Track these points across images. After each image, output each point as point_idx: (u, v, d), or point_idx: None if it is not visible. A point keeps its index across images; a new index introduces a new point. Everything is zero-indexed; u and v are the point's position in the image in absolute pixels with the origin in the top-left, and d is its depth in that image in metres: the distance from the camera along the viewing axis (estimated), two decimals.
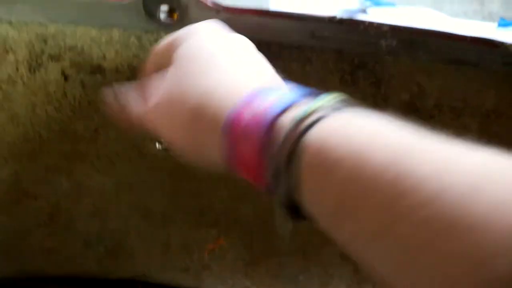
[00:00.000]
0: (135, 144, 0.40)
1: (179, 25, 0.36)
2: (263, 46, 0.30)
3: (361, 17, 0.35)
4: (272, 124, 0.23)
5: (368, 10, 0.53)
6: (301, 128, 0.22)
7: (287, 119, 0.22)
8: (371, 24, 0.35)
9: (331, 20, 0.35)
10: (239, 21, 0.35)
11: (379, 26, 0.35)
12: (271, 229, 0.41)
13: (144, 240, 0.41)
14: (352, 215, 0.20)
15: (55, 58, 0.39)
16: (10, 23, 0.38)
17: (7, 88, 0.40)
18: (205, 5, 0.34)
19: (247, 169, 0.24)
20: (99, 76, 0.39)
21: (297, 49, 0.37)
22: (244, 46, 0.29)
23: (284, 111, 0.23)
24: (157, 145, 0.40)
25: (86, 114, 0.40)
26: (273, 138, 0.22)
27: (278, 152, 0.22)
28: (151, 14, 0.35)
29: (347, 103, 0.24)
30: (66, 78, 0.39)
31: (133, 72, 0.39)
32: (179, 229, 0.41)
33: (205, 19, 0.35)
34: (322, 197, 0.21)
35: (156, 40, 0.37)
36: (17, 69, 0.39)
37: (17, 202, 0.41)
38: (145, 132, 0.30)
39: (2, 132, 0.40)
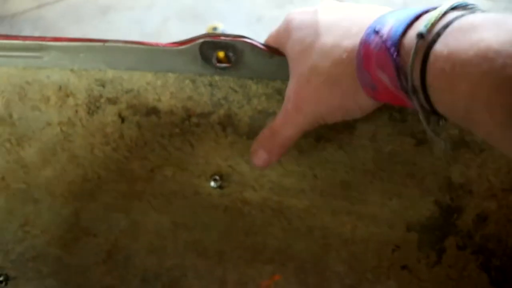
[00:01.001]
0: (190, 183, 0.41)
1: (233, 69, 0.37)
2: None
3: None
4: (399, 46, 0.25)
5: None
6: (425, 43, 0.23)
7: (411, 37, 0.24)
8: None
9: None
10: None
11: None
12: (324, 265, 0.41)
13: (200, 277, 0.42)
14: (483, 114, 0.21)
15: (112, 101, 0.40)
16: (72, 70, 0.39)
17: (67, 130, 0.41)
18: (260, 50, 0.35)
19: (387, 95, 0.27)
20: (154, 118, 0.40)
21: None
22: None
23: (406, 29, 0.25)
24: (212, 183, 0.41)
25: (142, 154, 0.41)
26: (404, 60, 0.24)
27: (411, 73, 0.24)
28: (207, 59, 0.37)
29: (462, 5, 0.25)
30: (123, 120, 0.41)
31: (187, 113, 0.40)
32: (235, 266, 0.41)
33: (259, 63, 0.37)
34: (453, 103, 0.23)
35: (210, 83, 0.39)
36: (76, 112, 0.41)
37: (77, 239, 0.42)
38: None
39: (63, 172, 0.42)
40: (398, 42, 0.25)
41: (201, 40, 0.35)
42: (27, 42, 0.37)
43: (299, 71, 0.32)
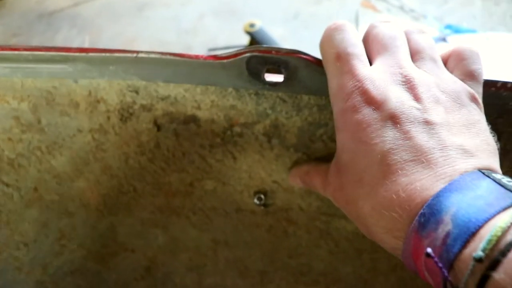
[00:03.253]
0: (232, 199, 0.38)
1: (285, 86, 0.33)
2: None
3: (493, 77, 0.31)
4: (452, 264, 0.21)
5: (447, 39, 0.47)
6: (483, 268, 0.20)
7: (467, 256, 0.21)
8: (504, 85, 0.30)
9: None
10: None
11: None
12: None
13: None
14: None
15: (146, 108, 0.37)
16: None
17: (99, 137, 0.38)
18: (316, 67, 0.31)
19: (426, 280, 0.24)
20: (193, 126, 0.37)
21: None
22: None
23: (462, 247, 0.21)
24: (255, 200, 0.37)
25: (181, 166, 0.38)
26: (456, 275, 0.21)
27: None
28: (254, 74, 0.32)
29: None
30: (158, 128, 0.38)
31: (229, 122, 0.36)
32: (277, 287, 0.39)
33: (314, 80, 0.32)
34: None
35: (256, 92, 0.35)
36: (108, 118, 0.38)
37: (115, 254, 0.40)
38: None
39: (97, 184, 0.39)
40: (452, 262, 0.21)
41: (248, 55, 0.31)
42: (51, 53, 0.34)
43: (345, 167, 0.28)
